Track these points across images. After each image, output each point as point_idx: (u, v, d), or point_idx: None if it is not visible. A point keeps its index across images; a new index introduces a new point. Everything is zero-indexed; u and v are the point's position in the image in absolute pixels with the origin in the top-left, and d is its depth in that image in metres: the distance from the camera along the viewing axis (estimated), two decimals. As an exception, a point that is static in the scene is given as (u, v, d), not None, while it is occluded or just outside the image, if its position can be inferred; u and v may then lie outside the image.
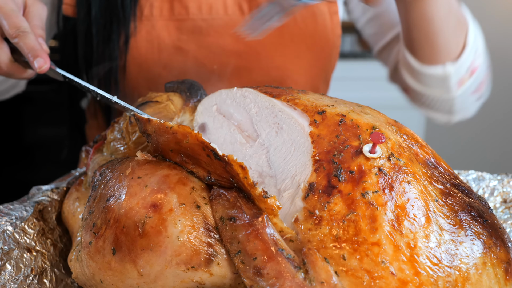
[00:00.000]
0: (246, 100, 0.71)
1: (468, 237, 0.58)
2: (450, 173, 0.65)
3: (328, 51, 1.10)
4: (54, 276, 0.72)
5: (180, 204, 0.60)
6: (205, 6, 1.02)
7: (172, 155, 0.65)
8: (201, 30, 1.02)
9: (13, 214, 0.73)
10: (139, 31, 1.01)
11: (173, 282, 0.60)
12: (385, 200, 0.57)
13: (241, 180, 0.59)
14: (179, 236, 0.59)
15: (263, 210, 0.59)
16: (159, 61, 1.02)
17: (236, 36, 1.01)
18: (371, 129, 0.62)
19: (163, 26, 1.01)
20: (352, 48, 2.61)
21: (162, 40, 1.01)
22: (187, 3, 1.01)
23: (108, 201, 0.62)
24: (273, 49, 1.03)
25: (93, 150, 0.81)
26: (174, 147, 0.64)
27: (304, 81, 1.07)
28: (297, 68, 1.06)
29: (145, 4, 1.01)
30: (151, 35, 1.01)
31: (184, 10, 1.01)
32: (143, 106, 0.80)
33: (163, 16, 1.01)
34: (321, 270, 0.55)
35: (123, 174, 0.63)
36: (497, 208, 0.83)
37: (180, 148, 0.63)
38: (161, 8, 1.01)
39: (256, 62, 1.03)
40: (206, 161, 0.62)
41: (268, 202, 0.58)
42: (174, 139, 0.63)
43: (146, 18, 1.01)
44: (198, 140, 0.61)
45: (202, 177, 0.63)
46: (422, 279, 0.55)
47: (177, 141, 0.63)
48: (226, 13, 1.02)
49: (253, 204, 0.60)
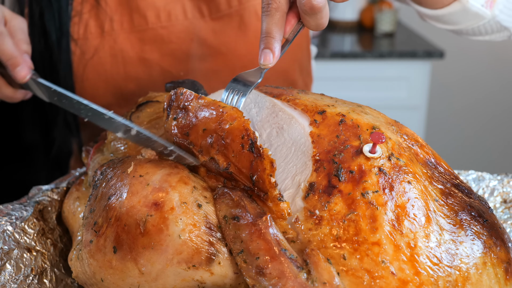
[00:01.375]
0: (246, 100, 0.71)
1: (468, 237, 0.58)
2: (450, 173, 0.65)
3: (297, 40, 1.05)
4: (54, 276, 0.72)
5: (182, 203, 0.60)
6: (164, 14, 0.99)
7: (200, 136, 0.63)
8: (162, 38, 0.99)
9: (13, 214, 0.73)
10: (102, 47, 0.98)
11: (174, 281, 0.60)
12: (385, 200, 0.57)
13: (264, 176, 0.58)
14: (181, 234, 0.59)
15: (273, 212, 0.59)
16: (125, 74, 1.00)
17: (199, 40, 0.99)
18: (371, 129, 0.62)
19: (125, 39, 0.99)
20: (352, 48, 2.61)
21: (126, 53, 0.99)
22: (145, 12, 0.98)
23: (109, 199, 0.62)
24: (238, 48, 1.01)
25: (93, 150, 0.81)
26: (210, 127, 0.62)
27: (275, 76, 1.04)
28: None
29: (105, 19, 0.98)
30: (114, 49, 0.99)
31: (143, 20, 0.99)
32: (143, 106, 0.80)
33: (124, 29, 0.99)
34: (323, 270, 0.55)
35: (125, 172, 0.63)
36: (497, 208, 0.84)
37: (217, 129, 0.62)
38: (121, 22, 0.98)
39: (223, 64, 1.01)
40: (236, 150, 0.60)
41: (281, 206, 0.59)
42: (217, 119, 0.62)
43: (107, 34, 0.98)
44: (243, 126, 0.60)
45: (220, 166, 0.62)
46: (423, 279, 0.55)
47: (221, 121, 0.62)
48: (186, 17, 0.99)
49: (257, 204, 0.60)
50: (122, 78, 1.00)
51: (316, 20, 0.63)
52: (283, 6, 0.64)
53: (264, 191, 0.59)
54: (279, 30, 0.64)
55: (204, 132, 0.63)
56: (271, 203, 0.59)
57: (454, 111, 3.11)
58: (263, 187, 0.59)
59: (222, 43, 0.99)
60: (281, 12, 0.64)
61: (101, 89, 1.00)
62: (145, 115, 0.79)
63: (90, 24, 0.98)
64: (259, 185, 0.59)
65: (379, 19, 2.65)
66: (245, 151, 0.60)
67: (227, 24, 1.00)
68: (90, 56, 0.98)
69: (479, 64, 3.03)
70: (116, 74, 0.99)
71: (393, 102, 2.49)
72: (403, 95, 2.49)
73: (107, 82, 1.00)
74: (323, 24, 0.64)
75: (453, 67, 3.00)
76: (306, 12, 0.62)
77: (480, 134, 3.16)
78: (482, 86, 3.07)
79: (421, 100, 2.50)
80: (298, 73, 1.10)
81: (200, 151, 0.63)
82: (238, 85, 0.67)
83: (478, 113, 3.11)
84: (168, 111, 0.68)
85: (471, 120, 3.13)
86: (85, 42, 0.98)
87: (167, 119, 0.68)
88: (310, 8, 0.62)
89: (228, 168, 0.61)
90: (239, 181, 0.61)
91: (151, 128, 0.77)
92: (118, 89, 1.01)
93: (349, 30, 2.80)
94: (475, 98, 3.09)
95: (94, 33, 0.98)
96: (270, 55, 0.64)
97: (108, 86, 1.00)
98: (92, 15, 0.98)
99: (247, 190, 0.61)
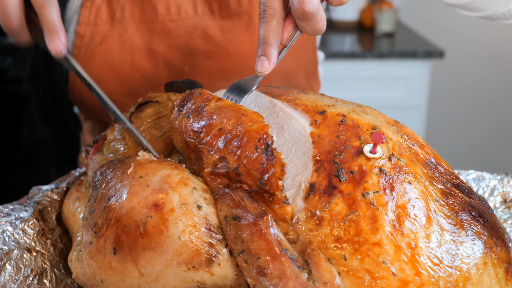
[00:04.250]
0: (246, 100, 0.71)
1: (469, 237, 0.58)
2: (451, 173, 0.65)
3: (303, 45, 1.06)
4: (54, 276, 0.72)
5: (182, 204, 0.60)
6: (174, 7, 1.00)
7: (214, 134, 0.64)
8: (170, 32, 1.00)
9: (13, 214, 0.73)
10: (111, 35, 0.99)
11: (174, 282, 0.60)
12: (386, 200, 0.57)
13: (273, 179, 0.59)
14: (181, 236, 0.59)
15: (276, 214, 0.59)
16: (131, 63, 1.01)
17: (207, 36, 1.00)
18: (371, 129, 0.62)
19: (134, 29, 0.99)
20: (352, 48, 2.61)
21: (134, 43, 1.00)
22: (156, 4, 0.99)
23: (109, 200, 0.62)
24: (244, 47, 1.01)
25: (93, 150, 0.81)
26: (226, 127, 0.63)
27: (279, 78, 1.05)
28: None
29: (116, 7, 0.99)
30: (123, 38, 1.00)
31: (153, 12, 1.00)
32: (143, 106, 0.80)
33: (134, 18, 0.99)
34: (324, 270, 0.55)
35: (125, 173, 0.63)
36: (497, 208, 0.83)
37: (234, 129, 0.62)
38: (132, 11, 0.99)
39: (228, 62, 1.01)
40: (249, 151, 0.61)
41: (285, 209, 0.59)
42: (237, 120, 0.62)
43: (118, 21, 0.99)
44: (262, 130, 0.61)
45: (230, 165, 0.62)
46: (423, 279, 0.55)
47: (239, 122, 0.62)
48: (196, 13, 1.00)
49: (258, 205, 0.60)
50: (128, 67, 1.01)
51: (311, 25, 0.63)
52: (280, 12, 0.64)
53: (271, 193, 0.59)
54: (276, 36, 0.64)
55: (219, 131, 0.63)
56: (276, 206, 0.59)
57: (454, 111, 3.11)
58: (270, 189, 0.59)
59: (229, 41, 1.00)
60: (278, 19, 0.64)
61: (106, 76, 1.01)
62: (145, 115, 0.79)
63: (102, 10, 0.99)
64: (266, 187, 0.59)
65: (379, 19, 2.65)
66: (258, 153, 0.60)
67: (236, 23, 1.00)
68: (98, 41, 0.99)
69: (479, 64, 3.03)
70: (123, 62, 1.00)
71: (393, 102, 2.49)
72: (403, 95, 2.49)
73: (113, 69, 1.01)
74: (320, 29, 0.64)
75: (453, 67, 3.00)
76: (300, 18, 0.62)
77: (480, 134, 3.16)
78: (482, 86, 3.07)
79: (421, 100, 2.50)
80: (304, 78, 1.10)
81: (211, 149, 0.64)
82: (234, 93, 0.68)
83: (478, 113, 3.12)
84: (181, 109, 0.68)
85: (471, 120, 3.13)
86: (94, 28, 0.99)
87: (177, 116, 0.68)
88: (302, 14, 0.61)
89: (237, 168, 0.61)
90: (244, 182, 0.61)
91: (151, 128, 0.77)
92: (123, 77, 1.01)
93: (349, 30, 2.80)
94: (475, 98, 3.09)
95: (104, 19, 0.99)
96: (266, 62, 0.64)
97: (113, 74, 1.01)
98: (105, 1, 0.99)
99: (250, 192, 0.61)
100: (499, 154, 3.17)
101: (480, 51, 3.00)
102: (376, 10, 2.67)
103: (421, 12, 2.95)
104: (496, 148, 3.17)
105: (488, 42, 2.98)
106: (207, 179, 0.64)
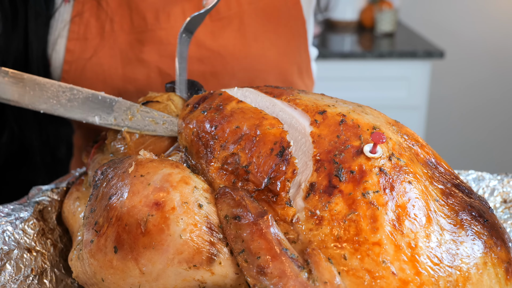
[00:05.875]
0: (246, 100, 0.71)
1: (469, 237, 0.58)
2: (451, 173, 0.65)
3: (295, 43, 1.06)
4: (54, 276, 0.72)
5: (183, 203, 0.60)
6: (163, 15, 0.99)
7: (230, 131, 0.65)
8: (161, 40, 0.99)
9: (13, 214, 0.73)
10: (102, 48, 0.98)
11: (175, 281, 0.60)
12: (386, 200, 0.57)
13: (282, 180, 0.59)
14: (182, 234, 0.59)
15: (277, 215, 0.59)
16: (123, 75, 1.00)
17: (198, 42, 0.99)
18: (371, 129, 0.62)
19: (124, 40, 0.99)
20: (352, 48, 2.61)
21: (125, 54, 0.99)
22: (145, 13, 0.98)
23: (110, 199, 0.62)
24: (237, 50, 1.00)
25: (93, 150, 0.81)
26: (243, 126, 0.65)
27: (273, 78, 1.04)
28: (263, 66, 1.02)
29: (105, 20, 0.98)
30: (114, 50, 0.99)
31: (142, 22, 0.98)
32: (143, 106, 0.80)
33: (124, 30, 0.99)
34: (324, 270, 0.55)
35: (126, 172, 0.63)
36: (497, 208, 0.84)
37: (251, 129, 0.64)
38: (121, 23, 0.98)
39: (221, 66, 1.01)
40: (264, 151, 0.62)
41: (287, 211, 0.59)
42: (256, 121, 0.65)
43: (107, 34, 0.98)
44: (281, 135, 0.63)
45: (241, 163, 0.63)
46: (423, 279, 0.55)
47: (258, 125, 0.65)
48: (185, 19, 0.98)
49: (258, 204, 0.60)
50: (121, 79, 1.00)
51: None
52: None
53: (275, 193, 0.60)
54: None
55: (236, 129, 0.65)
56: (279, 206, 0.59)
57: (454, 111, 3.11)
58: (276, 189, 0.59)
59: (221, 45, 0.99)
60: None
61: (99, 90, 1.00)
62: (146, 115, 0.78)
63: (91, 24, 0.98)
64: (272, 186, 0.60)
65: (379, 19, 2.65)
66: (272, 155, 0.61)
67: (226, 26, 0.99)
68: (89, 56, 0.98)
69: (479, 64, 3.03)
70: (115, 75, 0.99)
71: (393, 102, 2.49)
72: (403, 95, 2.49)
73: (105, 82, 1.00)
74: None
75: (453, 67, 3.00)
76: None
77: (480, 134, 3.16)
78: (482, 86, 3.07)
79: (421, 100, 2.50)
80: (297, 75, 1.10)
81: (223, 145, 0.65)
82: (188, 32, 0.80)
83: (478, 113, 3.12)
84: (196, 105, 0.72)
85: (471, 120, 3.13)
86: (85, 42, 0.98)
87: (191, 112, 0.70)
88: None
89: (248, 166, 0.62)
90: (252, 181, 0.62)
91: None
92: (116, 90, 1.00)
93: (349, 30, 2.80)
94: (475, 98, 3.09)
95: (94, 33, 0.98)
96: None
97: (106, 87, 1.00)
98: (93, 15, 0.98)
99: (253, 191, 0.61)
100: (499, 154, 3.17)
101: (480, 51, 3.00)
102: (376, 10, 2.67)
103: (421, 12, 2.96)
104: (496, 148, 3.17)
105: (488, 42, 2.98)
106: (214, 175, 0.64)
